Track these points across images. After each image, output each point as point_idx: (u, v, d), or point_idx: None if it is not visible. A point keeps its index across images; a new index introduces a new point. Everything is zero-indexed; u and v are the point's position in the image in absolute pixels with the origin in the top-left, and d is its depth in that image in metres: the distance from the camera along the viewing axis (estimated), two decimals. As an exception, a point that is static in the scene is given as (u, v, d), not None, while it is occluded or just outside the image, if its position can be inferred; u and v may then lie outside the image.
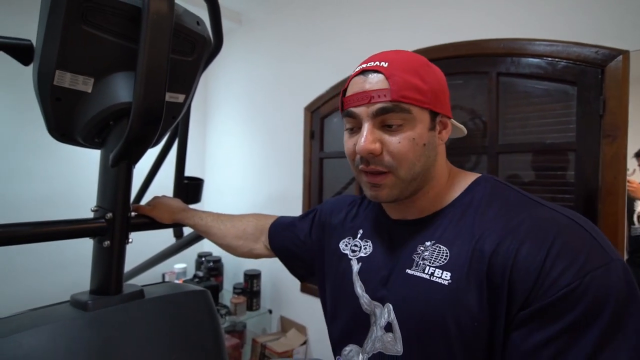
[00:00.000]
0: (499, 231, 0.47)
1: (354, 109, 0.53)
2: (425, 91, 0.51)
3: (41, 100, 0.64)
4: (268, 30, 2.27)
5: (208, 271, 2.24)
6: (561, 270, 0.40)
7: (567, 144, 1.10)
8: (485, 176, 0.58)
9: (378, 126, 0.52)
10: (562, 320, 0.39)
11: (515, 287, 0.43)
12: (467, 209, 0.53)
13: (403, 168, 0.52)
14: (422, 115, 0.52)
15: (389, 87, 0.50)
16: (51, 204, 1.99)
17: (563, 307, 0.39)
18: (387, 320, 0.54)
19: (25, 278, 1.93)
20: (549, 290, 0.40)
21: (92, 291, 0.74)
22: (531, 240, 0.44)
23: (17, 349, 0.59)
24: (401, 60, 0.53)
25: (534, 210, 0.48)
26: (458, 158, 1.40)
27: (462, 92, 1.38)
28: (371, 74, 0.53)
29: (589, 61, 1.04)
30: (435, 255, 0.52)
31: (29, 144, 1.91)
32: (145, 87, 0.59)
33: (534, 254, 0.42)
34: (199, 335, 0.81)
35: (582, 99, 1.07)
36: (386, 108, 0.50)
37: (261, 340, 1.84)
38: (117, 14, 0.61)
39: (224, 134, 2.65)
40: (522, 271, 0.42)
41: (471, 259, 0.48)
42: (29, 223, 0.65)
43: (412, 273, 0.53)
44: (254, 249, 0.86)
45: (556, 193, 1.14)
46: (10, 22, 1.87)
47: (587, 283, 0.39)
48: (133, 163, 0.73)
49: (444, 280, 0.49)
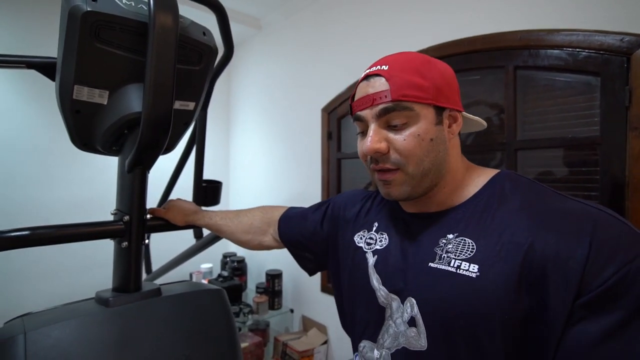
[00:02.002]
0: (530, 223, 0.47)
1: (361, 113, 0.56)
2: (426, 87, 0.52)
3: (63, 113, 0.70)
4: (286, 33, 2.31)
5: (232, 271, 2.31)
6: (608, 258, 0.41)
7: (591, 138, 1.04)
8: (506, 171, 0.58)
9: (383, 126, 0.55)
10: (621, 305, 0.39)
11: (561, 279, 0.42)
12: (490, 203, 0.53)
13: (411, 164, 0.53)
14: (425, 112, 0.53)
15: (389, 88, 0.52)
16: (86, 207, 2.13)
17: (618, 292, 0.39)
18: (410, 315, 0.54)
19: (64, 276, 2.09)
20: (600, 279, 0.40)
21: (114, 289, 0.80)
22: (569, 231, 0.44)
23: (45, 340, 0.65)
24: (401, 61, 0.55)
25: (562, 202, 0.48)
26: (475, 156, 1.36)
27: (479, 87, 1.34)
28: (373, 78, 0.55)
29: (613, 50, 0.98)
30: (460, 247, 0.51)
31: (65, 152, 2.06)
32: (154, 97, 0.63)
33: (576, 245, 0.42)
34: (213, 332, 0.84)
35: (606, 90, 1.01)
36: (387, 108, 0.53)
37: (283, 339, 1.87)
38: (127, 30, 0.65)
39: (246, 136, 2.73)
40: (567, 262, 0.42)
41: (500, 251, 0.47)
42: (55, 226, 0.71)
43: (435, 266, 0.53)
44: (263, 241, 0.88)
45: (580, 190, 1.08)
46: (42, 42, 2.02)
47: (637, 267, 0.39)
48: (147, 169, 0.77)
49: (472, 273, 0.48)
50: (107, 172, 2.19)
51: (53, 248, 0.87)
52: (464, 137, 1.38)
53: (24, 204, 1.97)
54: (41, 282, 2.02)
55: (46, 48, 1.17)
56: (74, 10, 0.59)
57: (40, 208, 2.01)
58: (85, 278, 2.11)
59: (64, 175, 2.11)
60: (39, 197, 2.02)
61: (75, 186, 2.14)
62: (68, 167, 2.11)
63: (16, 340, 0.62)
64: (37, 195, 2.02)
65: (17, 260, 1.93)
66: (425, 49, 1.43)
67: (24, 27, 1.96)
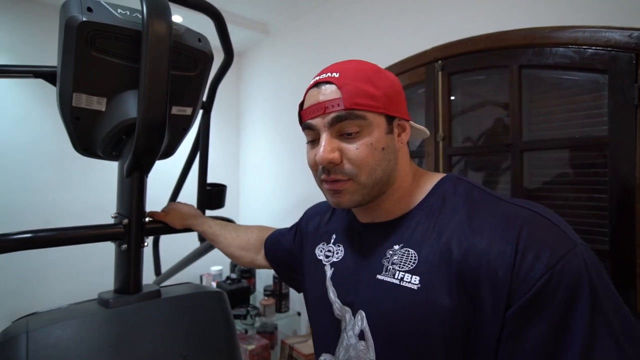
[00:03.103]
0: (465, 231, 0.47)
1: (311, 121, 0.54)
2: (378, 97, 0.52)
3: (64, 120, 0.73)
4: (292, 37, 2.33)
5: (241, 273, 2.33)
6: (532, 262, 0.41)
7: (599, 139, 1.00)
8: (450, 175, 0.58)
9: (336, 135, 0.53)
10: (547, 312, 0.39)
11: (490, 286, 0.42)
12: (432, 210, 0.53)
13: (364, 174, 0.52)
14: (377, 120, 0.52)
15: (341, 96, 0.51)
16: (99, 210, 2.20)
17: (544, 299, 0.40)
18: (360, 328, 0.54)
19: (80, 276, 2.15)
20: (525, 285, 0.40)
21: (116, 290, 0.82)
22: (498, 237, 0.44)
23: (46, 339, 0.67)
24: (352, 69, 0.54)
25: (497, 207, 0.48)
26: (480, 157, 1.34)
27: (484, 87, 1.32)
28: (324, 85, 0.54)
29: (620, 46, 0.95)
30: (404, 259, 0.51)
31: (79, 156, 2.12)
32: (148, 103, 0.64)
33: (503, 251, 0.43)
34: (211, 334, 0.85)
35: (614, 88, 0.97)
36: (340, 116, 0.51)
37: (289, 342, 1.88)
38: (122, 39, 0.67)
39: (256, 138, 2.75)
40: (495, 269, 0.42)
41: (439, 260, 0.47)
42: (57, 229, 0.74)
43: (382, 278, 0.53)
44: (256, 259, 0.89)
45: (588, 192, 1.04)
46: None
47: (560, 271, 0.39)
48: (145, 173, 0.79)
49: (413, 285, 0.48)
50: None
51: (72, 249, 0.90)
52: (469, 137, 1.35)
53: (41, 207, 2.05)
54: (59, 283, 2.09)
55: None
56: (71, 20, 0.62)
57: (56, 211, 2.08)
58: (100, 279, 2.17)
59: (79, 179, 2.18)
60: (55, 201, 2.10)
61: (90, 189, 2.21)
62: (84, 171, 2.18)
63: (19, 339, 0.65)
64: (52, 199, 2.09)
65: (36, 261, 2.01)
66: (429, 50, 1.41)
67: (39, 36, 2.05)
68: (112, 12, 0.66)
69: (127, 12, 0.68)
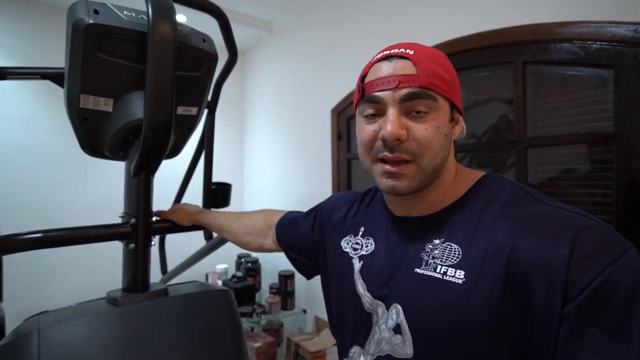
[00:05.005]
0: (513, 227, 0.46)
1: (379, 94, 0.51)
2: (448, 81, 0.51)
3: (72, 121, 0.74)
4: (296, 35, 2.33)
5: (246, 271, 2.35)
6: (591, 259, 0.40)
7: (605, 134, 1.00)
8: (490, 174, 0.57)
9: (403, 112, 0.51)
10: (608, 309, 0.39)
11: (544, 282, 0.41)
12: (476, 206, 0.52)
13: (426, 157, 0.51)
14: (445, 105, 0.52)
15: (417, 73, 0.49)
16: (108, 209, 2.22)
17: (605, 296, 0.39)
18: (396, 322, 0.53)
19: (91, 274, 2.17)
20: (584, 280, 0.39)
21: (124, 289, 0.83)
22: (549, 234, 0.43)
23: (57, 337, 0.68)
24: (425, 49, 0.53)
25: (544, 206, 0.48)
26: (485, 154, 1.33)
27: (488, 83, 1.31)
28: (396, 59, 0.52)
29: (626, 41, 0.94)
30: (446, 253, 0.50)
31: (87, 157, 2.15)
32: (154, 104, 0.65)
33: (557, 247, 0.42)
34: (218, 332, 0.86)
35: (620, 83, 0.96)
36: (414, 93, 0.49)
37: (295, 339, 1.89)
38: (128, 40, 0.68)
39: (260, 137, 2.76)
40: (549, 263, 0.41)
41: (485, 256, 0.46)
42: (66, 228, 0.75)
43: (422, 272, 0.52)
44: (264, 244, 0.89)
45: (594, 188, 1.04)
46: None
47: (620, 268, 0.39)
48: (152, 173, 0.80)
49: (458, 279, 0.47)
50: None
51: (82, 248, 0.91)
52: (474, 133, 1.35)
53: (45, 206, 2.07)
54: (68, 282, 2.12)
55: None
56: (77, 23, 0.63)
57: (60, 210, 2.10)
58: (107, 278, 2.19)
59: (84, 179, 2.20)
60: (64, 200, 2.13)
61: (94, 189, 2.23)
62: (92, 171, 2.20)
63: (31, 337, 0.66)
64: (62, 199, 2.12)
65: (49, 259, 2.03)
66: (434, 46, 1.41)
67: (43, 37, 2.06)
68: (118, 14, 0.66)
69: (132, 13, 0.68)
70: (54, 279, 2.09)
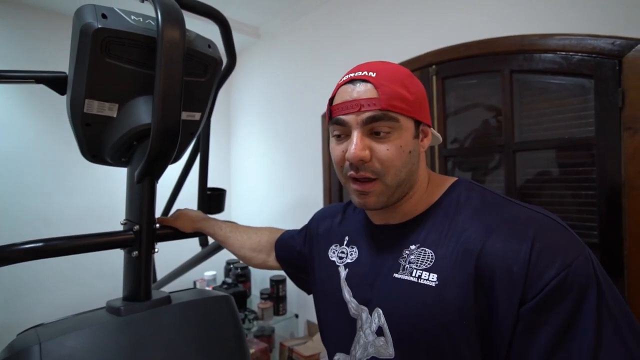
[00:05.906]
0: (481, 230, 0.49)
1: (344, 117, 0.54)
2: (410, 101, 0.54)
3: (74, 126, 0.72)
4: (284, 41, 2.34)
5: (236, 278, 2.32)
6: (548, 261, 0.43)
7: (587, 139, 1.07)
8: (461, 179, 0.61)
9: (367, 133, 0.54)
10: (560, 309, 0.42)
11: (506, 281, 0.44)
12: (447, 211, 0.55)
13: (390, 175, 0.54)
14: (408, 124, 0.54)
15: (378, 96, 0.52)
16: (93, 216, 2.14)
17: (558, 296, 0.42)
18: (378, 325, 0.55)
19: (70, 287, 2.09)
20: (541, 282, 0.43)
21: (125, 298, 0.81)
22: (514, 236, 0.46)
23: (60, 350, 0.66)
24: (388, 70, 0.55)
25: (510, 208, 0.51)
26: (475, 158, 1.39)
27: (476, 90, 1.37)
28: (360, 83, 0.54)
29: (605, 53, 1.01)
30: (421, 258, 0.53)
31: (71, 162, 2.07)
32: (163, 109, 0.64)
33: (519, 250, 0.45)
34: (222, 338, 0.85)
35: (600, 91, 1.03)
36: (375, 116, 0.52)
37: (288, 344, 1.88)
38: (135, 45, 0.67)
39: (248, 143, 2.74)
40: (511, 266, 0.44)
41: (456, 259, 0.49)
42: (67, 237, 0.72)
43: (399, 277, 0.55)
44: (268, 261, 0.90)
45: (577, 189, 1.10)
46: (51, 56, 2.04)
47: (574, 271, 0.42)
48: (156, 179, 0.79)
49: (431, 282, 0.50)
50: (112, 182, 2.21)
51: (59, 259, 0.88)
52: (463, 139, 1.40)
53: (34, 213, 1.99)
54: (49, 294, 2.02)
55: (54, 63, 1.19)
56: (86, 27, 0.61)
57: (50, 217, 2.02)
58: (91, 289, 2.11)
59: (72, 185, 2.13)
60: (48, 207, 2.04)
61: (82, 195, 2.15)
62: (78, 177, 2.13)
63: (32, 350, 0.64)
64: (45, 206, 2.04)
65: (25, 273, 1.93)
66: (423, 55, 1.46)
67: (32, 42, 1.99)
68: (126, 18, 0.66)
69: (140, 18, 0.68)
70: (32, 290, 1.99)
